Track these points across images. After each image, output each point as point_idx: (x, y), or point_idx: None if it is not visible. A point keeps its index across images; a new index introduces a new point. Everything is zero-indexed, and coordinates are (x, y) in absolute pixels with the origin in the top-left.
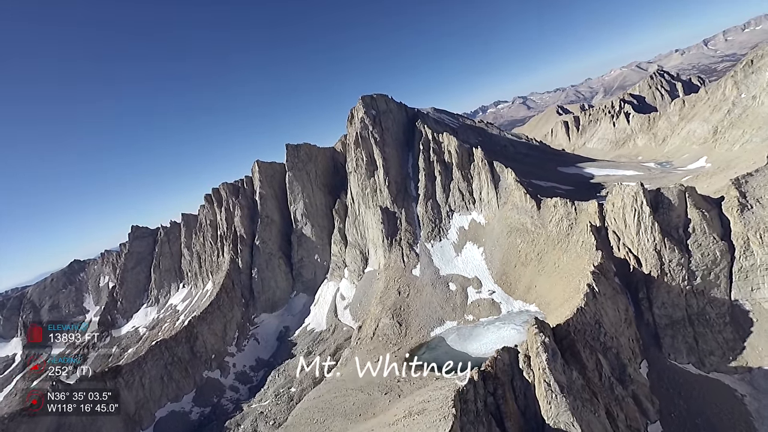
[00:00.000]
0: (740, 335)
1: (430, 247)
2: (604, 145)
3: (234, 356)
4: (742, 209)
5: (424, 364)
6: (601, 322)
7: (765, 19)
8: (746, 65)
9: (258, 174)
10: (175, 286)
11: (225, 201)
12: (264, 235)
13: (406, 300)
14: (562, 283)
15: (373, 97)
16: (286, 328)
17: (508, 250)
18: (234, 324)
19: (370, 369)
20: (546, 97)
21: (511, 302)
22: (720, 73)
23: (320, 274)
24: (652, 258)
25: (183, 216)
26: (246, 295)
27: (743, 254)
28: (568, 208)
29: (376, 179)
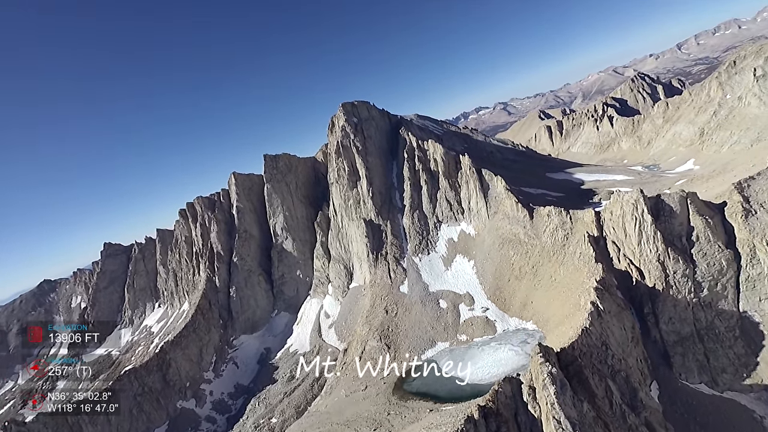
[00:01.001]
0: (752, 350)
1: (418, 261)
2: (589, 149)
3: (211, 383)
4: (747, 215)
5: (416, 392)
6: (608, 343)
7: (734, 24)
8: (729, 66)
9: (235, 186)
10: (150, 305)
11: (200, 216)
12: (242, 251)
13: (394, 320)
14: (561, 299)
15: (355, 104)
16: (267, 350)
17: (501, 263)
18: (211, 347)
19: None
20: (526, 103)
21: (507, 320)
22: (695, 76)
23: (303, 291)
24: (655, 270)
25: (158, 232)
26: (224, 315)
27: (750, 262)
28: (563, 218)
29: (359, 190)
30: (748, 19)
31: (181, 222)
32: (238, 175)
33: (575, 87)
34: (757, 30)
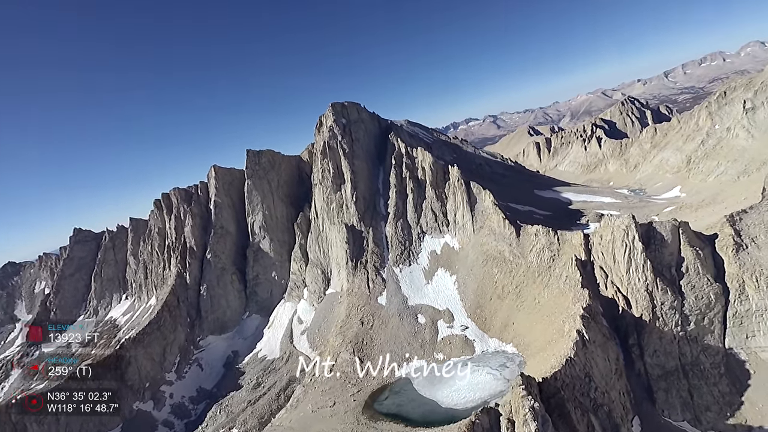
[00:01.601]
0: (737, 389)
1: (399, 272)
2: (576, 168)
3: (172, 385)
4: (737, 249)
5: (387, 413)
6: (591, 374)
7: (719, 56)
8: (720, 97)
9: (214, 180)
10: (117, 297)
11: (176, 208)
12: (217, 248)
13: (369, 332)
14: (543, 323)
15: (345, 104)
16: (234, 353)
17: (484, 280)
18: (175, 347)
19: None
20: (516, 117)
21: (486, 340)
22: (681, 104)
23: (277, 294)
24: (643, 300)
25: (131, 221)
26: (192, 313)
27: (738, 298)
28: (551, 238)
29: (342, 193)
30: (733, 53)
31: (156, 213)
32: (219, 168)
33: (564, 106)
34: (741, 64)
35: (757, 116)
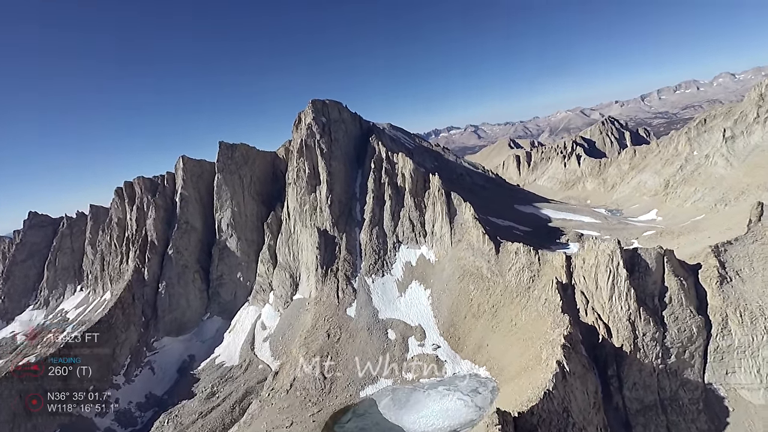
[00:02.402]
0: (715, 426)
1: (371, 282)
2: (554, 184)
3: (119, 389)
4: (722, 281)
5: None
6: (570, 409)
7: (693, 84)
8: (699, 124)
9: (182, 171)
10: (71, 288)
11: (138, 198)
12: (180, 244)
13: (335, 346)
14: (519, 346)
15: (326, 102)
16: (191, 358)
17: (459, 297)
18: (126, 347)
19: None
20: (496, 129)
21: (459, 362)
22: (655, 128)
23: (241, 296)
24: (625, 329)
25: (92, 208)
26: (148, 312)
27: (720, 332)
28: (531, 258)
29: (317, 195)
30: (706, 82)
31: (117, 202)
32: (188, 159)
33: (544, 121)
34: (713, 93)
35: (736, 145)
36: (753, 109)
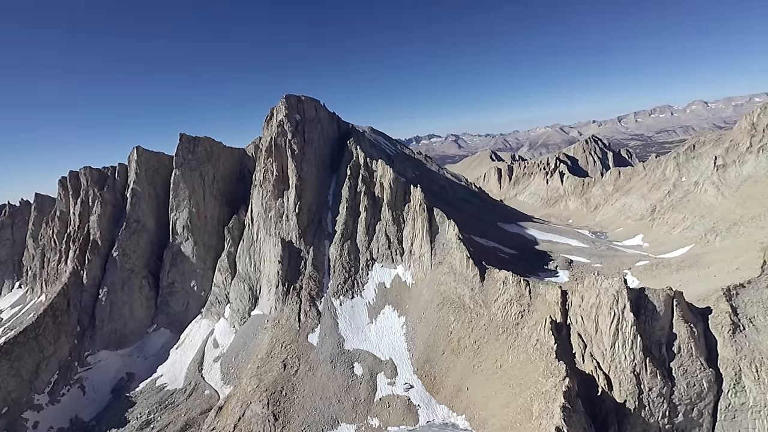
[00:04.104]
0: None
1: (338, 304)
2: (536, 200)
3: (40, 411)
4: (734, 330)
5: None
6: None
7: (668, 109)
8: (688, 149)
9: (135, 164)
10: (8, 284)
11: (83, 191)
12: (127, 245)
13: (291, 379)
14: (505, 394)
15: (301, 99)
16: (129, 376)
17: (437, 328)
18: (54, 362)
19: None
20: (477, 140)
21: (434, 407)
22: (631, 149)
23: (194, 307)
24: (628, 383)
25: (37, 197)
26: (84, 321)
27: (733, 388)
28: (521, 289)
29: (284, 201)
30: (680, 108)
31: (61, 193)
32: (143, 151)
33: (524, 135)
34: (686, 119)
35: (728, 174)
36: (745, 139)
